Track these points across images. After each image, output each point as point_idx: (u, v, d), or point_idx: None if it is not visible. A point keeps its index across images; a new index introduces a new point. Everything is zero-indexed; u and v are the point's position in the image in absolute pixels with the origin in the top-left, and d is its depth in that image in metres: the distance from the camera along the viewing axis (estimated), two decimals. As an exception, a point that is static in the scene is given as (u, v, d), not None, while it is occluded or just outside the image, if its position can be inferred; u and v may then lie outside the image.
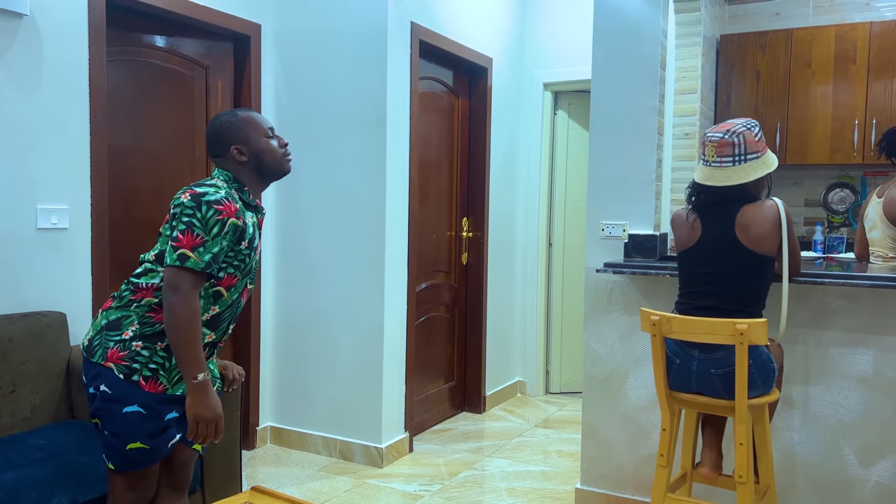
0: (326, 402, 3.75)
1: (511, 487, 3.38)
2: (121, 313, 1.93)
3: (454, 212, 4.45)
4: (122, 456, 1.90)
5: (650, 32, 2.96)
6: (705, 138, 2.33)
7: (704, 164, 2.34)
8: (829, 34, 4.48)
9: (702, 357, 2.27)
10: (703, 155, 2.35)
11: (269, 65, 3.79)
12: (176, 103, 3.39)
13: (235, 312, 2.05)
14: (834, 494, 2.68)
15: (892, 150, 3.34)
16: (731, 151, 2.27)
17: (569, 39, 4.76)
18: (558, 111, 4.98)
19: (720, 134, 2.29)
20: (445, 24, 4.05)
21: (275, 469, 3.55)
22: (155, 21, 3.27)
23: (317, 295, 3.76)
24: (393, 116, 3.59)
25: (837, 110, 4.47)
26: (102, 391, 1.89)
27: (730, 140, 2.27)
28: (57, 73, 2.77)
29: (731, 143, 2.27)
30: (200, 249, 1.84)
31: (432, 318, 4.28)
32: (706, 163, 2.33)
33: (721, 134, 2.29)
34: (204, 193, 1.87)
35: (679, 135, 4.23)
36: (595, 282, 3.05)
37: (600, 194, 3.06)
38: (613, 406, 3.04)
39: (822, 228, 4.70)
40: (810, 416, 2.70)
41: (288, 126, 3.79)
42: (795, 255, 2.39)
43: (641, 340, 2.96)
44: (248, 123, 2.03)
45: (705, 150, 2.32)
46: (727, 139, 2.27)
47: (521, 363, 5.07)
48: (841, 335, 2.63)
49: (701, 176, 2.35)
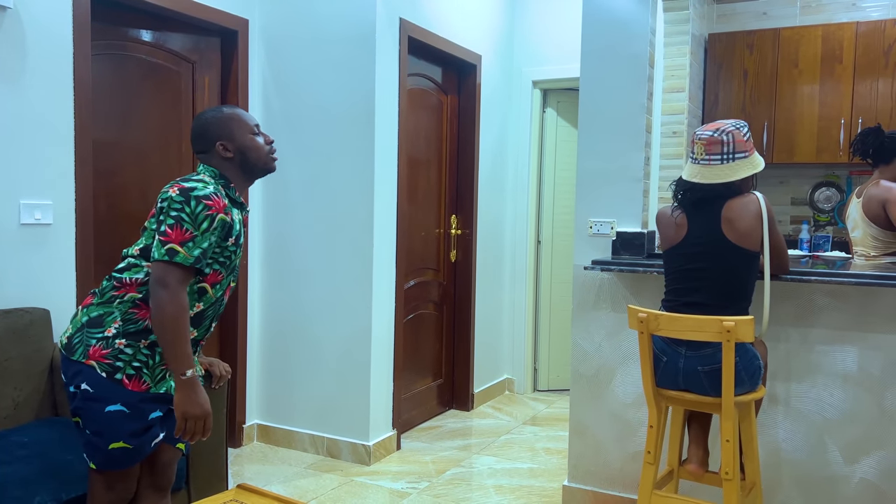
0: (314, 400, 3.74)
1: (498, 485, 3.39)
2: (103, 310, 1.90)
3: (443, 209, 4.45)
4: (105, 455, 1.87)
5: (639, 30, 2.96)
6: (695, 136, 2.34)
7: (693, 161, 2.35)
8: (815, 34, 4.50)
9: (689, 354, 2.28)
10: (691, 153, 2.36)
11: (257, 60, 3.77)
12: (162, 98, 3.36)
13: (218, 310, 2.04)
14: (819, 491, 2.70)
15: (866, 151, 3.38)
16: (719, 150, 2.28)
17: (558, 37, 4.76)
18: (547, 109, 4.98)
19: (710, 132, 2.30)
20: (434, 20, 4.04)
21: (261, 467, 3.53)
22: (141, 15, 3.24)
23: (304, 292, 3.74)
24: (381, 113, 3.58)
25: (824, 110, 4.50)
26: (83, 389, 1.86)
27: (719, 138, 2.28)
28: (41, 66, 2.74)
29: (720, 141, 2.28)
30: (190, 244, 1.83)
31: (420, 315, 4.27)
32: (695, 160, 2.34)
33: (711, 132, 2.30)
34: (193, 188, 1.86)
35: (667, 133, 4.25)
36: (583, 279, 3.06)
37: (588, 192, 3.07)
38: (601, 403, 3.05)
39: (808, 227, 4.73)
40: (795, 413, 2.72)
41: (275, 122, 3.77)
42: (781, 251, 2.41)
43: (629, 338, 2.97)
44: (233, 119, 2.01)
45: (694, 148, 2.34)
46: (716, 137, 2.29)
47: (510, 361, 5.07)
48: (826, 332, 2.65)
49: (689, 173, 2.36)
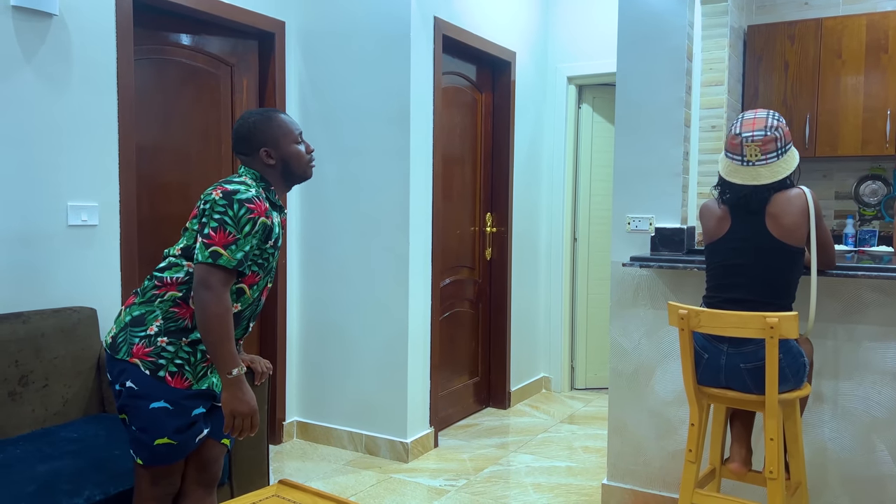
0: (352, 397, 3.77)
1: (537, 483, 3.37)
2: (144, 309, 1.94)
3: (478, 207, 4.44)
4: (150, 451, 1.92)
5: (676, 23, 2.92)
6: (741, 138, 2.26)
7: (745, 164, 2.27)
8: (859, 23, 4.39)
9: (731, 351, 2.24)
10: (739, 155, 2.27)
11: (294, 62, 3.81)
12: (202, 101, 3.42)
13: (256, 310, 2.07)
14: (866, 491, 2.63)
15: None
16: (774, 147, 2.25)
17: (592, 32, 4.72)
18: (582, 105, 4.94)
19: (761, 132, 2.25)
20: (468, 18, 4.04)
21: (301, 463, 3.57)
22: (180, 19, 3.30)
23: (342, 291, 3.78)
24: (416, 112, 3.59)
25: (869, 101, 4.38)
26: (128, 387, 1.90)
27: (773, 136, 2.24)
28: (86, 72, 2.81)
29: (774, 138, 2.24)
30: (233, 247, 1.86)
31: (456, 313, 4.27)
32: (748, 163, 2.27)
33: (763, 132, 2.25)
34: (235, 191, 1.89)
35: (706, 127, 4.18)
36: (621, 276, 3.03)
37: (626, 188, 3.03)
38: (640, 401, 3.02)
39: (853, 221, 4.62)
40: (842, 411, 2.65)
41: (312, 122, 3.81)
42: (827, 246, 2.35)
43: (668, 335, 2.93)
44: (280, 127, 2.03)
45: (745, 151, 2.26)
46: (770, 136, 2.24)
47: (546, 359, 5.05)
48: (874, 329, 2.58)
49: (744, 177, 2.27)
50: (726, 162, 2.33)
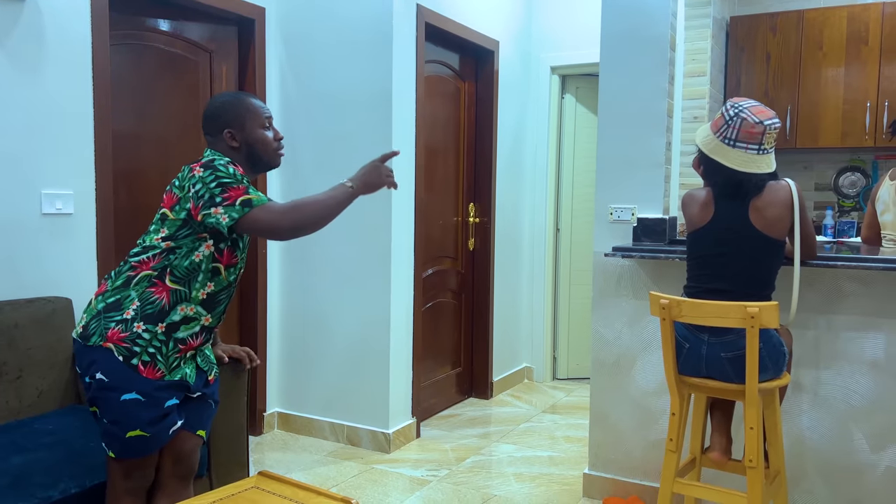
0: (333, 388, 3.75)
1: (518, 472, 3.38)
2: (119, 294, 1.90)
3: (461, 197, 4.43)
4: (122, 443, 1.88)
5: (659, 13, 2.91)
6: (765, 127, 2.23)
7: (761, 153, 2.27)
8: (840, 15, 4.41)
9: (712, 341, 2.25)
10: (757, 144, 2.25)
11: (274, 49, 3.76)
12: (180, 88, 3.37)
13: (230, 295, 2.03)
14: (844, 479, 2.66)
15: None
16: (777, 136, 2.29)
17: (576, 22, 4.70)
18: (566, 95, 4.93)
19: (778, 120, 2.27)
20: (451, 6, 4.00)
21: (282, 455, 3.55)
22: (158, 4, 3.24)
23: (323, 280, 3.75)
24: (398, 100, 3.56)
25: (849, 93, 4.41)
26: (98, 379, 1.86)
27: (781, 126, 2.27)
28: (60, 56, 2.75)
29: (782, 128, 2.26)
30: (250, 190, 1.87)
31: (439, 303, 4.26)
32: (764, 151, 2.26)
33: (779, 121, 2.28)
34: (212, 159, 1.91)
35: (688, 118, 4.19)
36: (603, 266, 3.03)
37: (609, 178, 3.03)
38: (622, 391, 3.02)
39: (832, 213, 4.66)
40: (820, 400, 2.68)
41: (292, 110, 3.77)
42: (810, 237, 2.36)
43: (650, 325, 2.94)
44: (248, 110, 2.01)
45: (764, 139, 2.24)
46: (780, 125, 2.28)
47: (529, 349, 5.05)
48: (852, 319, 2.60)
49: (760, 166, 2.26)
50: (735, 153, 2.26)
